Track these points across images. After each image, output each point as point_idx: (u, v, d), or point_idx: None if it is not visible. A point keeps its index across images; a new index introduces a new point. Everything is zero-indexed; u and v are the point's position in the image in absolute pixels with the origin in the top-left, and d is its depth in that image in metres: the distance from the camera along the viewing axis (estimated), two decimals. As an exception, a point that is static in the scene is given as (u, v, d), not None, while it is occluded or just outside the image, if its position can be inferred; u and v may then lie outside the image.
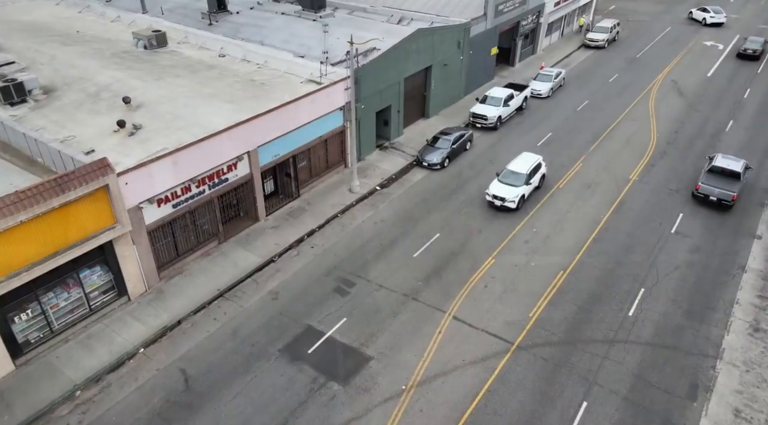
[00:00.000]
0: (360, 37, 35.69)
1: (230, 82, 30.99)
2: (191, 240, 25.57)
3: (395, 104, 36.20)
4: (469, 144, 36.18)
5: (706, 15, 62.05)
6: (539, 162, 31.13)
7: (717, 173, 30.18)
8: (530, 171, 30.29)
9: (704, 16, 62.12)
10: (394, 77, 34.99)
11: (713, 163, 30.65)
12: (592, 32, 55.09)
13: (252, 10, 42.31)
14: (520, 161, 30.99)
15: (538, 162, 31.05)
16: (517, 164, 30.83)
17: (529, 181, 29.99)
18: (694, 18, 63.54)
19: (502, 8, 44.18)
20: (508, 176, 30.16)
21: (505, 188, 29.56)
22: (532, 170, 30.43)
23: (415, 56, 36.31)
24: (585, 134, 37.79)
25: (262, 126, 26.58)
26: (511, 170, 30.42)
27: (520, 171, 30.16)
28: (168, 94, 28.89)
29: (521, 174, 30.01)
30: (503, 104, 38.85)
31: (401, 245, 27.13)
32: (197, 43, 37.27)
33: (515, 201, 29.13)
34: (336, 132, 31.91)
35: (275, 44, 37.14)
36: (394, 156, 35.34)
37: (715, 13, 61.71)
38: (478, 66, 44.19)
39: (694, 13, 63.69)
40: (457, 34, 39.83)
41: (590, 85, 45.86)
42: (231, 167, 25.96)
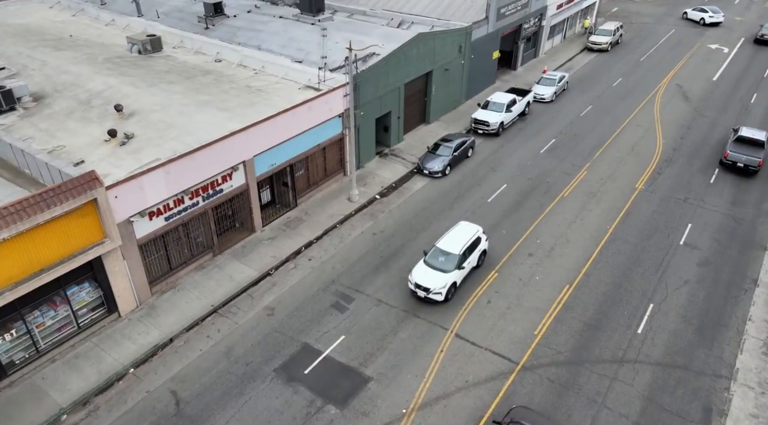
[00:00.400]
0: (359, 42, 34.90)
1: (226, 89, 30.18)
2: (185, 253, 24.75)
3: (395, 110, 35.40)
4: (471, 151, 35.37)
5: (705, 15, 61.82)
6: (478, 236, 24.81)
7: (743, 142, 33.30)
8: (465, 250, 23.89)
9: (702, 16, 61.91)
10: (394, 83, 34.19)
11: (739, 133, 33.78)
12: (594, 35, 54.30)
13: (249, 14, 41.52)
14: (453, 237, 24.46)
15: (477, 236, 24.71)
16: (450, 240, 24.26)
17: (462, 264, 23.67)
18: (690, 18, 63.38)
19: (504, 11, 43.38)
20: (437, 258, 23.79)
21: (432, 274, 23.19)
22: (468, 248, 24.07)
23: (415, 61, 35.51)
24: (589, 140, 36.97)
25: (258, 135, 25.77)
26: (442, 248, 24.01)
27: (452, 251, 23.70)
28: (162, 102, 28.07)
29: (453, 255, 23.60)
30: (506, 110, 38.04)
31: (402, 258, 26.31)
32: (193, 47, 36.48)
33: (442, 293, 22.90)
34: (335, 140, 31.10)
35: (273, 49, 36.34)
36: (394, 163, 34.53)
37: (714, 12, 61.61)
38: (479, 70, 43.39)
39: (689, 14, 63.62)
40: (458, 39, 39.02)
41: (594, 90, 45.04)
42: (226, 178, 25.14)
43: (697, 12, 62.68)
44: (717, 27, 60.32)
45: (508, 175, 33.09)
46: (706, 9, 61.95)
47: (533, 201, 30.44)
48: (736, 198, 30.57)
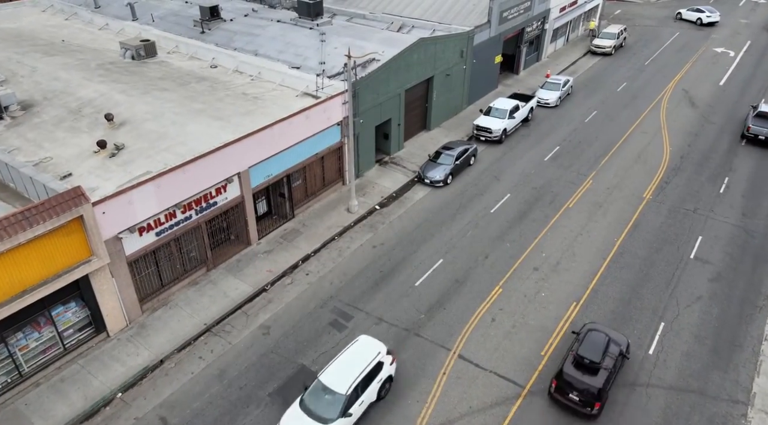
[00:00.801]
0: (358, 48, 34.01)
1: (221, 96, 29.26)
2: (177, 269, 23.83)
3: (395, 117, 34.49)
4: (473, 159, 34.45)
5: (702, 15, 61.69)
6: (379, 361, 18.87)
7: (764, 117, 36.24)
8: (358, 383, 17.93)
9: (699, 17, 61.84)
10: (394, 89, 33.28)
11: (759, 109, 36.95)
12: (598, 38, 53.40)
13: (246, 18, 40.61)
14: (347, 361, 18.54)
15: (377, 361, 18.78)
16: (338, 370, 18.27)
17: (349, 409, 17.61)
18: (686, 19, 63.13)
19: (506, 15, 42.49)
20: (318, 398, 17.79)
21: None
22: (363, 381, 18.13)
23: (416, 67, 34.60)
24: (594, 147, 36.05)
25: (253, 145, 24.86)
26: (325, 383, 17.91)
27: (338, 390, 17.64)
28: (154, 110, 27.15)
29: (339, 395, 17.59)
30: (508, 116, 37.13)
31: (402, 273, 25.39)
32: (188, 52, 35.57)
33: None
34: (333, 148, 30.18)
35: (270, 54, 35.43)
36: (395, 172, 33.61)
37: (711, 12, 61.59)
38: (481, 75, 42.49)
39: (684, 14, 63.34)
40: (460, 43, 38.13)
41: (598, 95, 44.13)
42: (220, 190, 24.22)
43: (692, 12, 62.65)
44: (723, 30, 59.41)
45: (511, 184, 32.17)
46: (702, 9, 61.88)
47: (538, 212, 29.53)
48: (747, 209, 29.66)
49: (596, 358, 18.55)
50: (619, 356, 19.25)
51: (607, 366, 18.67)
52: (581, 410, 18.25)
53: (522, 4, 44.13)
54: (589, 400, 18.00)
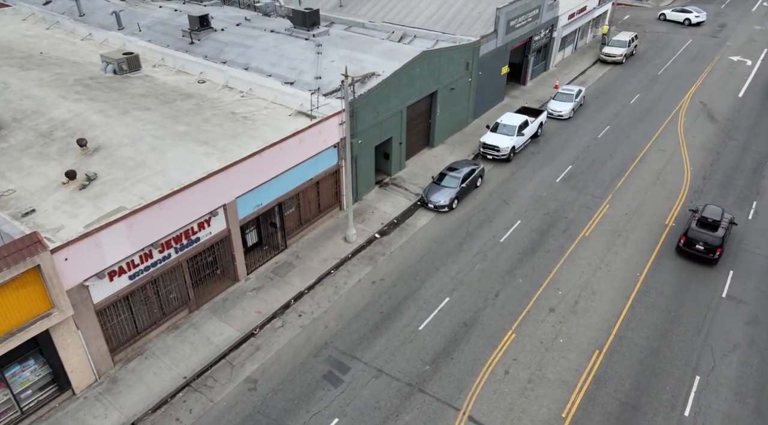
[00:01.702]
0: (357, 61, 31.68)
1: (208, 117, 26.93)
2: (154, 313, 21.47)
3: (397, 136, 32.14)
4: (479, 180, 32.09)
5: (690, 15, 60.75)
6: None
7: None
8: None
9: (687, 17, 60.95)
10: (395, 106, 30.94)
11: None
12: (608, 47, 51.04)
13: (238, 27, 38.27)
14: None
15: None
16: None
17: None
18: (671, 20, 62.19)
19: (513, 24, 40.16)
20: None
21: None
22: None
23: (419, 82, 32.26)
24: (609, 167, 33.69)
25: (241, 174, 22.51)
26: None
27: None
28: (133, 134, 24.80)
29: None
30: (517, 133, 34.76)
31: (405, 314, 23.03)
32: (175, 66, 33.25)
33: None
34: (329, 172, 27.84)
35: (263, 67, 33.09)
36: (396, 195, 31.25)
37: (698, 12, 61.01)
38: (487, 87, 40.15)
39: (669, 14, 62.46)
40: (465, 55, 35.79)
41: (610, 107, 41.78)
42: (203, 225, 21.86)
43: (678, 13, 61.71)
44: (737, 37, 57.02)
45: (522, 209, 29.81)
46: (689, 9, 60.91)
47: (552, 242, 27.17)
48: (779, 237, 27.36)
49: (717, 218, 25.62)
50: (730, 223, 26.09)
51: (724, 226, 25.60)
52: (705, 256, 25.17)
53: (530, 12, 41.80)
54: (712, 248, 24.86)
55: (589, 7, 51.82)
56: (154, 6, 42.75)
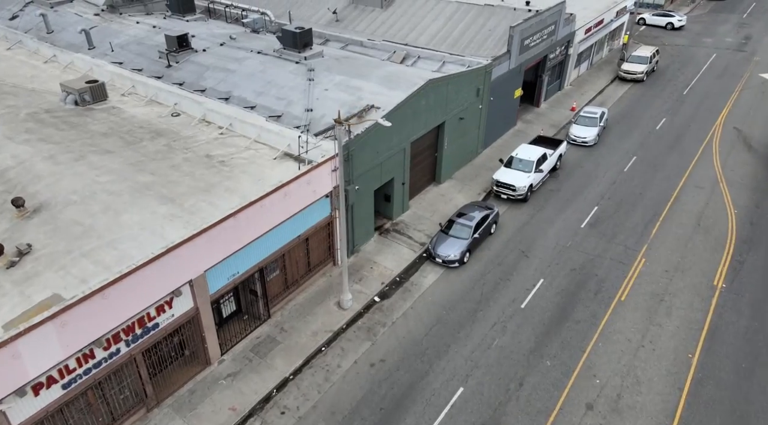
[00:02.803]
0: (354, 90, 27.68)
1: (178, 162, 22.91)
2: (101, 421, 17.42)
3: (399, 176, 28.13)
4: (494, 227, 28.07)
5: (673, 19, 58.81)
6: None
7: None
8: None
9: (670, 21, 58.83)
10: (398, 143, 26.93)
11: None
12: (627, 63, 47.01)
13: (222, 47, 34.23)
14: None
15: None
16: None
17: None
18: (652, 24, 60.26)
19: (528, 43, 36.15)
20: None
21: None
22: None
23: (424, 114, 28.25)
24: (641, 208, 29.65)
25: (211, 243, 18.51)
26: None
27: None
28: (85, 188, 20.77)
29: None
30: (535, 169, 30.73)
31: (409, 411, 18.98)
32: (147, 95, 29.24)
33: None
34: (321, 225, 23.84)
35: (247, 96, 29.10)
36: (398, 245, 27.23)
37: (680, 16, 59.54)
38: (499, 113, 36.13)
39: (649, 19, 60.46)
40: (476, 80, 31.76)
41: (635, 134, 37.76)
42: (163, 308, 17.85)
43: (659, 17, 59.87)
44: (764, 51, 52.96)
45: (544, 263, 25.79)
46: (671, 12, 58.67)
47: (582, 309, 23.14)
48: None
49: None
50: None
51: None
52: None
53: (545, 29, 37.80)
54: None
55: (606, 20, 47.82)
56: (131, 22, 38.75)
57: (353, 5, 41.94)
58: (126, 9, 40.80)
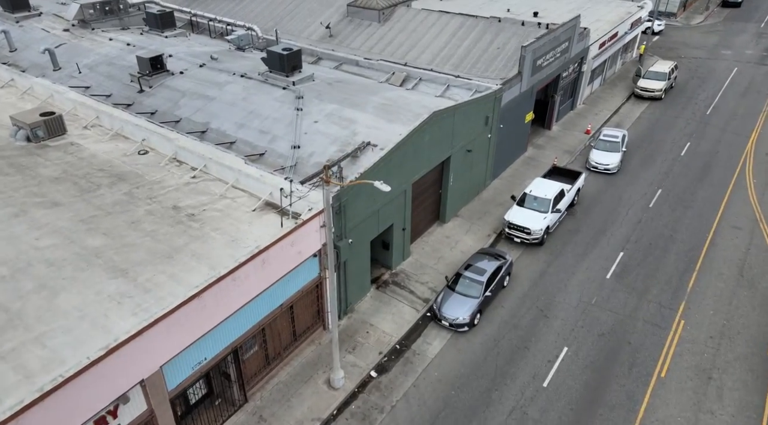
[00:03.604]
0: (347, 122, 24.24)
1: (139, 217, 19.38)
2: None
3: (399, 221, 24.67)
4: (507, 279, 24.63)
5: (653, 24, 57.05)
6: None
7: None
8: None
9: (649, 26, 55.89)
10: (398, 186, 23.45)
11: None
12: (644, 79, 43.61)
13: (202, 69, 30.71)
14: None
15: None
16: None
17: None
18: None
19: (540, 63, 32.70)
20: None
21: None
22: None
23: (428, 150, 24.80)
24: (673, 254, 26.21)
25: (170, 331, 15.01)
26: None
27: None
28: (18, 256, 17.20)
29: None
30: (551, 208, 27.27)
31: None
32: (112, 128, 25.71)
33: None
34: (308, 289, 20.35)
35: (226, 128, 25.65)
36: (398, 302, 23.75)
37: (660, 21, 58.65)
38: (508, 140, 32.68)
39: None
40: (485, 108, 28.31)
41: (657, 161, 34.33)
42: (104, 420, 14.33)
43: None
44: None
45: (566, 326, 22.32)
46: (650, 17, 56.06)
47: (616, 388, 19.66)
48: None
49: None
50: None
51: None
52: None
53: (559, 46, 34.36)
54: None
55: (620, 33, 44.42)
56: (103, 38, 35.23)
57: (348, 19, 38.51)
58: (99, 24, 37.29)
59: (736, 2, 67.43)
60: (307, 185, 20.54)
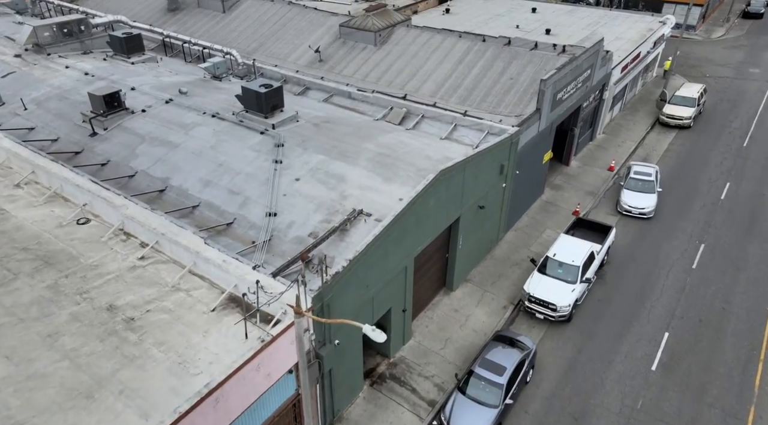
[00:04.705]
0: (335, 180, 19.82)
1: (59, 324, 14.92)
2: None
3: (399, 303, 20.24)
4: (531, 372, 20.18)
5: None
6: None
7: None
8: None
9: None
10: (397, 263, 19.00)
11: None
12: (670, 104, 39.21)
13: (168, 106, 26.20)
14: None
15: None
16: None
17: None
18: None
19: (561, 96, 28.29)
20: None
21: None
22: None
23: (434, 215, 20.35)
24: (729, 336, 21.76)
25: None
26: None
27: None
28: None
29: None
30: (580, 277, 22.83)
31: None
32: (50, 186, 21.26)
33: None
34: (284, 408, 15.90)
35: (189, 187, 21.19)
36: (397, 406, 19.28)
37: None
38: (524, 185, 28.27)
39: None
40: (500, 156, 23.89)
41: (695, 205, 29.92)
42: None
43: None
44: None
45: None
46: None
47: None
48: None
49: None
50: None
51: None
52: None
53: (581, 75, 29.95)
54: None
55: (643, 52, 40.03)
56: (59, 66, 30.75)
57: (341, 41, 34.09)
58: (57, 48, 32.77)
59: (759, 13, 63.08)
60: (280, 278, 16.06)
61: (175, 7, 41.41)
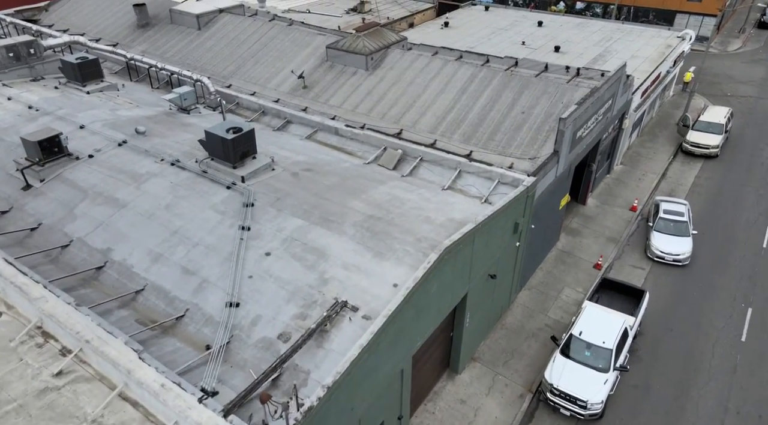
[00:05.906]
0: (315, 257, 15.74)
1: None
2: None
3: (393, 412, 16.21)
4: (559, 496, 16.21)
5: None
6: None
7: None
8: None
9: None
10: (391, 368, 14.99)
11: None
12: (694, 130, 35.38)
13: (121, 149, 22.11)
14: None
15: None
16: None
17: None
18: None
19: (581, 134, 24.38)
20: None
21: None
22: None
23: (437, 301, 16.35)
24: (794, 437, 17.89)
25: None
26: None
27: None
28: None
29: None
30: (613, 363, 18.84)
31: None
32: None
33: None
34: None
35: (134, 262, 17.13)
36: None
37: None
38: (539, 236, 24.34)
39: None
40: (514, 212, 19.90)
41: (734, 255, 26.03)
42: None
43: None
44: None
45: None
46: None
47: None
48: None
49: None
50: None
51: None
52: None
53: (602, 107, 26.05)
54: None
55: (662, 72, 36.20)
56: (2, 97, 26.62)
57: (328, 64, 30.08)
58: (1, 75, 28.63)
59: (775, 23, 59.52)
60: (233, 419, 11.99)
61: (146, 23, 37.32)
